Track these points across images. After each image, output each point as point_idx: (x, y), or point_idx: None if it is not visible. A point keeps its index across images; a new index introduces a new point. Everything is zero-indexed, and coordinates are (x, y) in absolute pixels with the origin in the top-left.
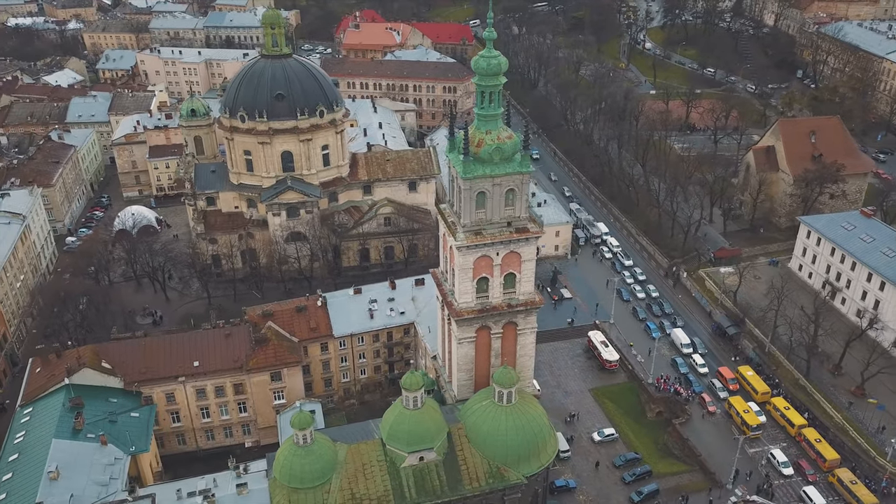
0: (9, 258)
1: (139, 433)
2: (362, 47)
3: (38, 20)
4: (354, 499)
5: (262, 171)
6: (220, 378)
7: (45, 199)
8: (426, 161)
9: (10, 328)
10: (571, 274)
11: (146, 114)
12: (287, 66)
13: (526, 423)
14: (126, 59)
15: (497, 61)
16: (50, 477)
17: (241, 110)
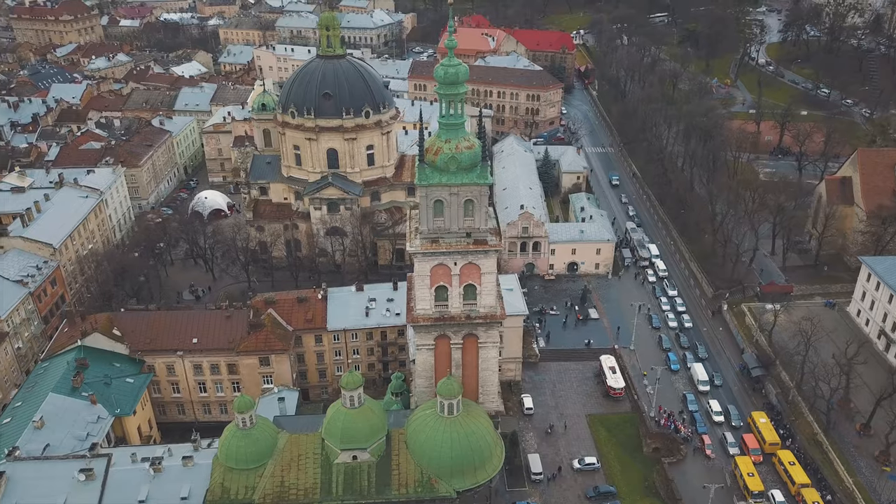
0: (78, 228)
1: (128, 398)
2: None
3: (186, 16)
4: (283, 487)
5: (308, 166)
6: (215, 357)
7: (132, 179)
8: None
9: (71, 291)
10: (607, 294)
11: (240, 106)
12: (338, 66)
13: (465, 436)
14: (244, 55)
15: (455, 70)
16: (35, 426)
17: (292, 106)
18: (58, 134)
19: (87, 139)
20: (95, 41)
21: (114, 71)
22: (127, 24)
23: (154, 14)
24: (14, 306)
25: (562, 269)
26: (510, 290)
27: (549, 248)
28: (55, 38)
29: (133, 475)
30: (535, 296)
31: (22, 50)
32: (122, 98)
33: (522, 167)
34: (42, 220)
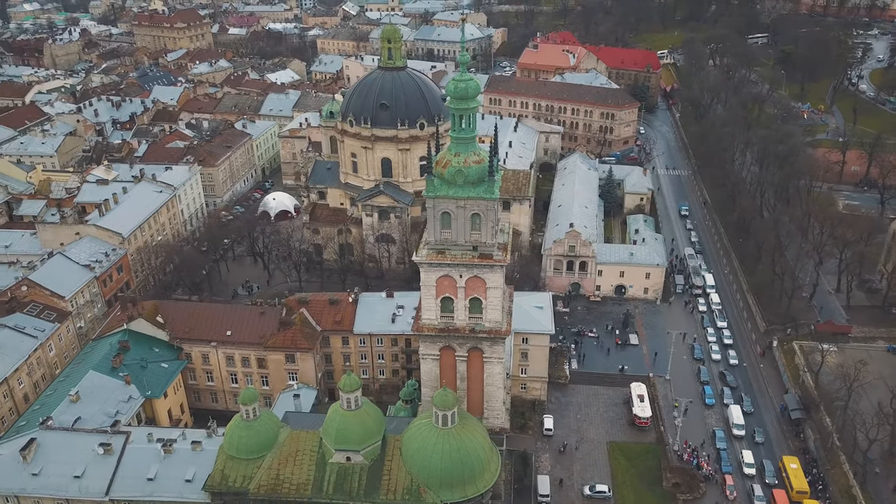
0: (149, 220)
1: (160, 381)
2: (536, 67)
3: (289, 26)
4: (278, 480)
5: (363, 174)
6: (246, 350)
7: (208, 177)
8: (523, 183)
9: (137, 278)
10: (652, 321)
11: (318, 113)
12: (397, 78)
13: (457, 449)
14: (335, 64)
15: (465, 85)
16: (70, 399)
17: (351, 115)
18: (151, 132)
19: (173, 138)
20: (204, 47)
21: (214, 76)
22: (235, 33)
23: (261, 24)
24: (79, 288)
25: (609, 292)
26: (540, 307)
27: (597, 269)
28: (169, 44)
29: (146, 454)
30: (576, 316)
31: (139, 54)
32: (214, 101)
33: (582, 185)
34: (117, 210)
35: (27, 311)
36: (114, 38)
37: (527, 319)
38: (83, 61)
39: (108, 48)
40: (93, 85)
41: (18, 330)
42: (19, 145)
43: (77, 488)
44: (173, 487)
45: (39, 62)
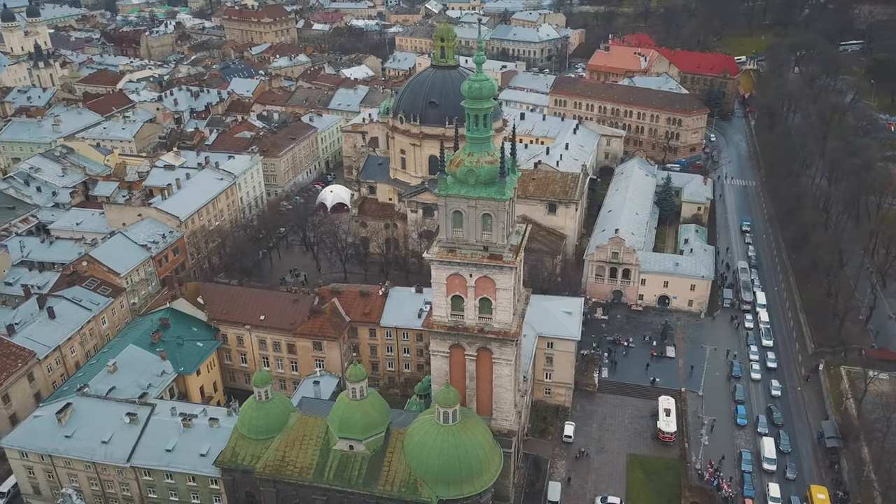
0: (207, 206)
1: (193, 359)
2: (605, 69)
3: (370, 23)
4: (283, 462)
5: (411, 170)
6: (277, 335)
7: (270, 167)
8: (571, 186)
9: (192, 260)
10: (693, 334)
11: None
12: (448, 76)
13: (456, 447)
14: (408, 61)
15: (479, 85)
16: (108, 370)
17: (402, 112)
18: (223, 122)
19: (242, 128)
20: (288, 42)
21: (292, 70)
22: (318, 28)
23: (344, 20)
24: (134, 267)
25: (652, 301)
26: (569, 313)
27: (640, 278)
28: (256, 38)
29: (168, 426)
30: (614, 325)
31: (226, 47)
32: (287, 94)
33: (637, 191)
34: (178, 195)
35: (85, 284)
36: (206, 31)
37: (553, 324)
38: (175, 53)
39: (199, 41)
40: (179, 75)
41: (75, 302)
42: (102, 130)
43: (103, 453)
44: (188, 460)
45: (136, 53)
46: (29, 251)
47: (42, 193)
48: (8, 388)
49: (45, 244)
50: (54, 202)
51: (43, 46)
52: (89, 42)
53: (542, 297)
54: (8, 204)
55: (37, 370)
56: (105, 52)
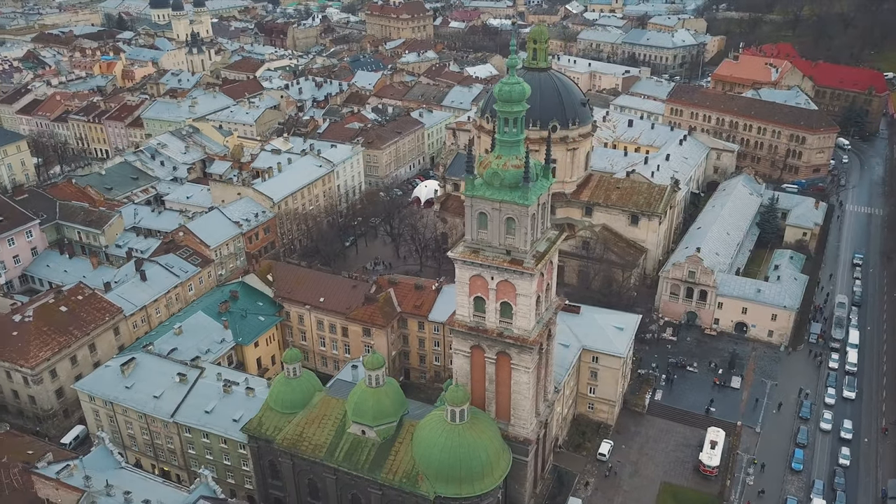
0: (302, 190)
1: (252, 332)
2: (731, 79)
3: (506, 22)
4: (300, 437)
5: None
6: (332, 317)
7: (373, 158)
8: (656, 198)
9: (283, 240)
10: (766, 367)
11: None
12: (537, 78)
13: (459, 446)
14: None
15: (510, 88)
16: (174, 332)
17: (488, 112)
18: (339, 112)
19: (354, 120)
20: (423, 39)
21: (419, 66)
22: (455, 26)
23: (481, 19)
24: (224, 241)
25: (728, 327)
26: (620, 329)
27: (717, 301)
28: (393, 34)
29: (211, 390)
30: (682, 347)
31: (364, 41)
32: (405, 89)
33: (734, 210)
34: (277, 178)
35: (179, 253)
36: (350, 25)
37: (601, 338)
38: (318, 45)
39: (340, 34)
40: (315, 66)
41: (167, 268)
42: (229, 113)
43: (153, 406)
44: (222, 424)
45: (283, 43)
46: (140, 218)
47: (164, 167)
48: (95, 338)
49: (154, 213)
50: (173, 176)
51: (204, 34)
52: (244, 32)
53: (596, 310)
54: (133, 175)
55: (122, 325)
56: (256, 42)
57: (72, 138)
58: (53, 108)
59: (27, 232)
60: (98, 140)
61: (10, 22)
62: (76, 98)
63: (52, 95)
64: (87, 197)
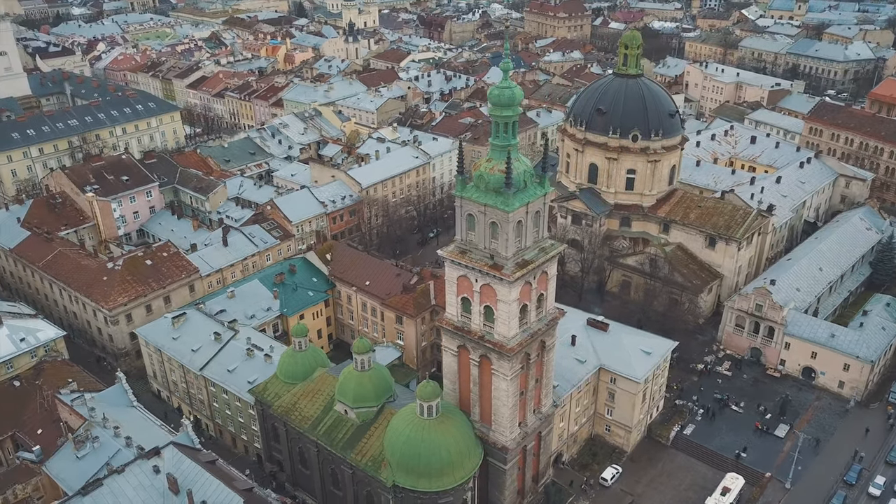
0: (393, 179)
1: (297, 305)
2: (891, 100)
3: (668, 25)
4: (293, 407)
5: (572, 175)
6: (372, 301)
7: (475, 154)
8: (737, 221)
9: (370, 224)
10: (825, 421)
11: None
12: (624, 85)
13: (422, 441)
14: (678, 67)
15: (501, 92)
16: (227, 295)
17: (572, 116)
18: (459, 106)
19: (468, 115)
20: (576, 39)
21: (561, 65)
22: (614, 27)
23: (644, 20)
24: (306, 218)
25: (795, 370)
26: (648, 353)
27: (784, 340)
28: (548, 32)
29: (238, 352)
30: (736, 383)
31: (517, 38)
32: (534, 88)
33: (840, 244)
34: (372, 164)
35: (264, 225)
36: (509, 21)
37: (621, 359)
38: (473, 39)
39: (497, 30)
40: (460, 60)
41: (248, 237)
42: (356, 100)
43: (189, 359)
44: (238, 384)
45: (439, 36)
46: (243, 190)
47: (281, 146)
48: (170, 292)
49: (256, 186)
50: (287, 154)
51: (371, 24)
52: (407, 24)
53: (629, 330)
54: (251, 150)
55: (198, 284)
56: (416, 34)
57: (226, 113)
58: (215, 85)
59: (147, 192)
60: (246, 116)
61: (209, 5)
62: (235, 77)
63: (216, 73)
64: (206, 166)
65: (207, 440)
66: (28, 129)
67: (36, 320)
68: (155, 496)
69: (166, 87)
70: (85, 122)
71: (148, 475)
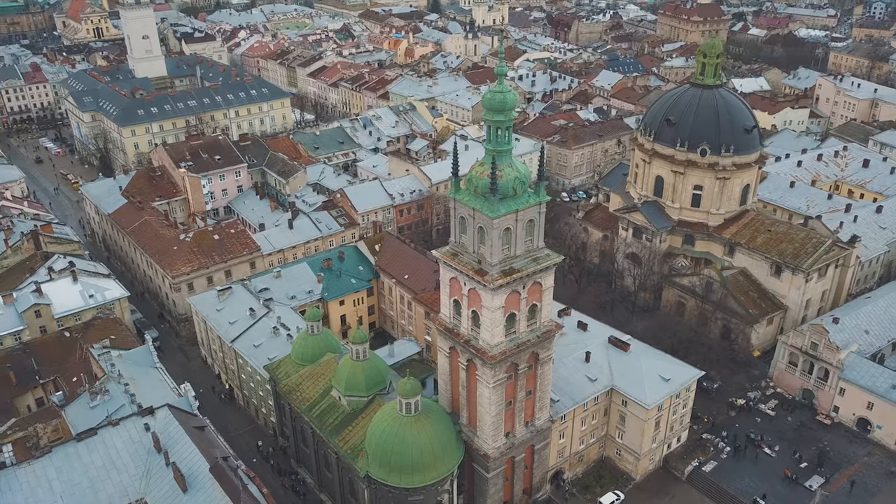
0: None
1: (338, 290)
2: None
3: (814, 33)
4: (296, 388)
5: (639, 187)
6: (408, 294)
7: (562, 158)
8: (808, 250)
9: (437, 219)
10: (868, 479)
11: None
12: (700, 96)
13: (395, 436)
14: (809, 80)
15: (493, 96)
16: (274, 275)
17: (643, 125)
18: (557, 107)
19: (561, 117)
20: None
21: (683, 71)
22: (754, 33)
23: (790, 27)
24: (372, 209)
25: (848, 421)
26: (667, 380)
27: (838, 385)
28: (680, 35)
29: (266, 328)
30: (776, 424)
31: (645, 41)
32: (643, 93)
33: None
34: (448, 161)
35: (332, 212)
36: (642, 23)
37: (633, 382)
38: (600, 41)
39: (626, 32)
40: (578, 62)
41: (314, 222)
42: (455, 96)
43: (225, 330)
44: (259, 358)
45: (565, 36)
46: (323, 177)
47: (371, 137)
48: (231, 267)
49: (334, 174)
50: (374, 146)
51: (500, 22)
52: (536, 22)
53: (653, 353)
54: (340, 139)
55: (259, 261)
56: (543, 33)
57: (339, 102)
58: (332, 75)
59: (236, 172)
60: (356, 106)
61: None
62: (352, 68)
63: (335, 64)
64: (296, 151)
65: (236, 409)
66: (152, 107)
67: (108, 280)
68: (141, 451)
69: (290, 75)
70: (203, 104)
71: (138, 431)
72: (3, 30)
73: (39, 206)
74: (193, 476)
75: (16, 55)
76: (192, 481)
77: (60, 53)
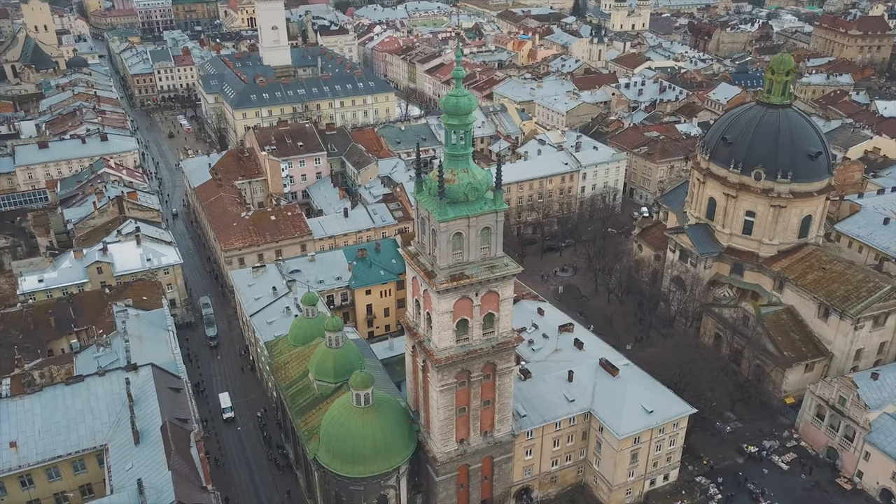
0: (533, 182)
1: (364, 279)
2: None
3: None
4: (282, 367)
5: (693, 207)
6: None
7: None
8: (861, 294)
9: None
10: None
11: None
12: (766, 116)
13: (342, 425)
14: None
15: (447, 100)
16: (308, 259)
17: (703, 143)
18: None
19: (656, 129)
20: (870, 61)
21: (820, 89)
22: None
23: None
24: None
25: (872, 488)
26: (650, 412)
27: (863, 448)
28: (835, 51)
29: (282, 308)
30: (788, 482)
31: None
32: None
33: None
34: (517, 164)
35: (390, 205)
36: (795, 35)
37: (611, 408)
38: (744, 51)
39: (773, 44)
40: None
41: (370, 213)
42: (552, 100)
43: (248, 304)
44: (268, 334)
45: (705, 46)
46: (394, 171)
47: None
48: (282, 247)
49: (403, 168)
50: None
51: (640, 27)
52: (678, 30)
53: (646, 381)
54: (423, 135)
55: (309, 245)
56: (683, 41)
57: None
58: (447, 73)
59: (316, 159)
60: None
61: None
62: (468, 67)
63: (452, 62)
64: (378, 144)
65: (256, 378)
66: (265, 93)
67: (168, 247)
68: (116, 402)
69: (410, 70)
70: (311, 93)
71: (119, 384)
72: (181, 16)
73: (139, 175)
74: (147, 431)
75: (175, 39)
76: (145, 436)
77: (214, 39)
